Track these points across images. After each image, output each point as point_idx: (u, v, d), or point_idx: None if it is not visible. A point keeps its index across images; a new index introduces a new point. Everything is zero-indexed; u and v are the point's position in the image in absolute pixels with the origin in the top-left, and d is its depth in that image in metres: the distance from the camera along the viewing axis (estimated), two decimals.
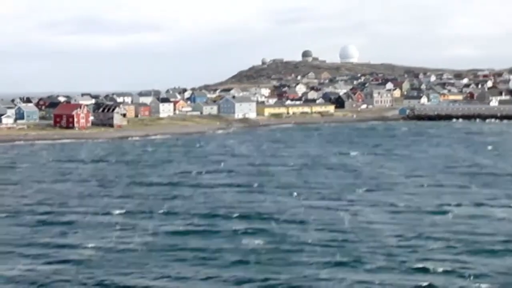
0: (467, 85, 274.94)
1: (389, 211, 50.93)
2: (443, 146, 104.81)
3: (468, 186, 62.54)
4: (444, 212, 49.98)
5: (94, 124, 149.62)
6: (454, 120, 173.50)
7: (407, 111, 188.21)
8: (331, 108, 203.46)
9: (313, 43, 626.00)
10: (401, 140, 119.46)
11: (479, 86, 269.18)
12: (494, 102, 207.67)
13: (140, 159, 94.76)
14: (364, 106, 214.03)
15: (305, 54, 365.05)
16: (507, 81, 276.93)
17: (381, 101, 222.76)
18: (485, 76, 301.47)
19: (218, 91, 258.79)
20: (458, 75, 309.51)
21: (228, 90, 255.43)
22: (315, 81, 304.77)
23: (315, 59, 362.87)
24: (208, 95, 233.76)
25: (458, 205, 52.63)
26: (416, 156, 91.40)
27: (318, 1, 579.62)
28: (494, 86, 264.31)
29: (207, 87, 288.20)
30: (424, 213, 49.90)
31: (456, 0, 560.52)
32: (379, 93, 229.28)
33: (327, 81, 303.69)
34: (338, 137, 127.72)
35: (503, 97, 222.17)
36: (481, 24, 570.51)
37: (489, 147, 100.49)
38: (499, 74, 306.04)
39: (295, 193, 60.11)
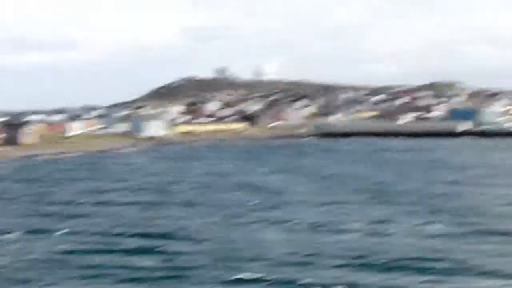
0: (381, 102, 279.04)
1: (288, 229, 51.11)
2: (351, 164, 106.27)
3: (369, 203, 63.27)
4: (343, 230, 50.30)
5: (4, 142, 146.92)
6: (366, 137, 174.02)
7: (320, 128, 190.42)
8: (244, 125, 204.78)
9: (230, 60, 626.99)
10: (311, 157, 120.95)
11: (393, 102, 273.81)
12: (407, 119, 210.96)
13: (47, 177, 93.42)
14: (277, 123, 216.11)
15: (221, 71, 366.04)
16: (422, 98, 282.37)
17: (294, 118, 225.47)
18: (400, 92, 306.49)
19: (131, 108, 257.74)
20: (374, 92, 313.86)
21: (142, 107, 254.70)
22: (230, 98, 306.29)
23: (231, 76, 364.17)
24: (121, 113, 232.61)
25: (357, 222, 52.97)
26: (324, 173, 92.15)
27: (235, 19, 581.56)
28: (408, 103, 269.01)
29: (121, 105, 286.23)
30: (323, 231, 50.18)
31: (374, 16, 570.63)
32: (293, 110, 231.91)
33: (242, 98, 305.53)
34: (248, 155, 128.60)
35: (417, 114, 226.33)
36: (398, 40, 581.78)
37: (396, 165, 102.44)
38: (414, 90, 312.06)
39: (196, 211, 60.14)
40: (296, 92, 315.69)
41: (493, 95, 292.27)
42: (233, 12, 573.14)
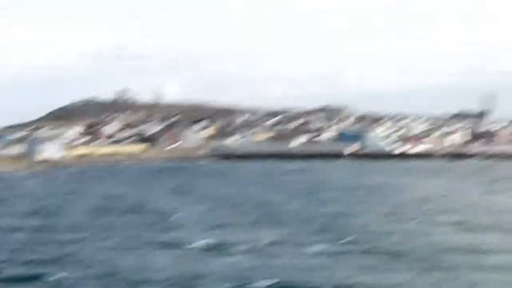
0: (276, 124, 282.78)
1: (178, 251, 51.12)
2: (244, 186, 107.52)
3: (258, 224, 63.76)
4: (232, 252, 50.57)
5: None
6: (262, 159, 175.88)
7: (217, 150, 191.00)
8: (142, 148, 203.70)
9: (131, 81, 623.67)
10: (206, 179, 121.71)
11: (288, 125, 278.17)
12: (301, 141, 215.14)
13: None
14: (176, 145, 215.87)
15: (121, 93, 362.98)
16: (314, 121, 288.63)
17: (193, 140, 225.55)
18: (294, 115, 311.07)
19: (27, 130, 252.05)
20: (271, 114, 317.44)
21: (38, 129, 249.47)
22: (130, 120, 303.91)
23: (131, 98, 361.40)
24: (16, 135, 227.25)
25: (246, 243, 53.09)
26: (218, 195, 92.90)
27: (136, 40, 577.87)
28: (301, 126, 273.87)
29: (16, 126, 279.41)
30: (212, 253, 50.29)
31: (271, 40, 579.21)
32: (191, 132, 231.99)
33: (141, 120, 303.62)
34: (145, 177, 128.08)
35: (309, 137, 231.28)
36: (294, 65, 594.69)
37: (286, 186, 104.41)
38: (309, 113, 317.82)
39: (86, 235, 59.12)
40: (195, 114, 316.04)
41: (378, 119, 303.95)
42: (134, 33, 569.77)
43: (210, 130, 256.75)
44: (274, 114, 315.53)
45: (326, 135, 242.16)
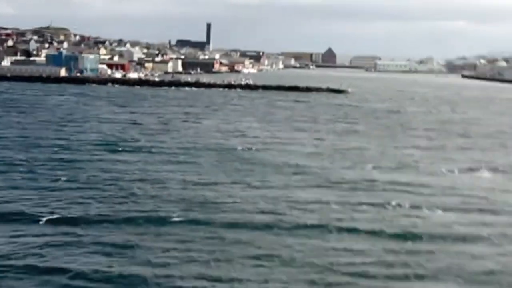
0: None
1: None
2: None
3: None
4: None
5: None
6: None
7: None
8: None
9: None
10: None
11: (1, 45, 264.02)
12: (7, 62, 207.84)
13: None
14: None
15: None
16: (28, 42, 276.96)
17: None
18: (7, 35, 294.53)
19: None
20: None
21: None
22: None
23: None
24: None
25: None
26: None
27: None
28: (14, 46, 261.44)
29: None
30: None
31: None
32: None
33: None
34: None
35: (18, 58, 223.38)
36: None
37: None
38: (23, 34, 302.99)
39: None
40: None
41: (97, 43, 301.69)
42: None
43: None
44: None
45: (41, 58, 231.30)
